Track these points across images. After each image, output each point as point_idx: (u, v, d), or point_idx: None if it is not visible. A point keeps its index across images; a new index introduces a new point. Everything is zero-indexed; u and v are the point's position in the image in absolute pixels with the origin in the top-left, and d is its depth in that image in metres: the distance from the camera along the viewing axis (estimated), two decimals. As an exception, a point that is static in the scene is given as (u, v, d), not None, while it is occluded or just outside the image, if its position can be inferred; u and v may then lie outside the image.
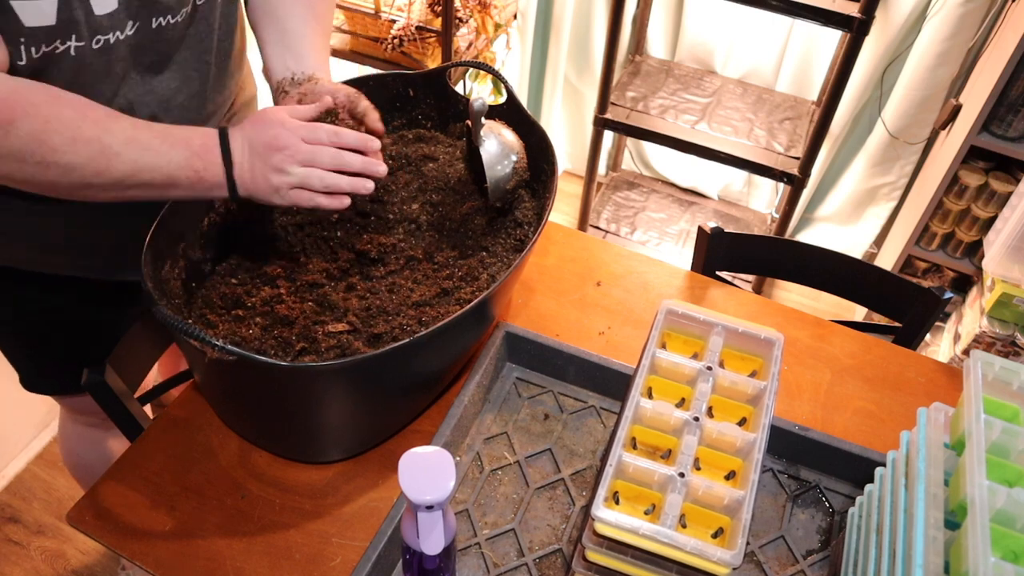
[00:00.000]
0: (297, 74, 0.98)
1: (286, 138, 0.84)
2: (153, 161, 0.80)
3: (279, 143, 0.84)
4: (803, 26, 2.19)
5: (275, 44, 1.00)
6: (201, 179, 0.83)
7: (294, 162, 0.84)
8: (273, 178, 0.84)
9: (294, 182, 0.85)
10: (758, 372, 0.86)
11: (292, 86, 0.98)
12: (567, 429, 1.02)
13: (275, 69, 0.99)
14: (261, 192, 0.85)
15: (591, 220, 2.44)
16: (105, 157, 0.78)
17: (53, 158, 0.76)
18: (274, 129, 0.85)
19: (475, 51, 2.07)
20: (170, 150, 0.81)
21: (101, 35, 0.82)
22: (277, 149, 0.84)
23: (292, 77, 0.98)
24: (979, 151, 1.85)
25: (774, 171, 2.02)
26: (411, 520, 0.71)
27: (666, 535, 0.69)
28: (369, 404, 0.92)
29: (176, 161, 0.81)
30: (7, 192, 0.93)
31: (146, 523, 0.90)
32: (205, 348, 0.78)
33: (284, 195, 0.85)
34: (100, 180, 0.79)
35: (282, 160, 0.84)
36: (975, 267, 2.03)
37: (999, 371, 0.73)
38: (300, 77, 0.98)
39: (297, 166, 0.84)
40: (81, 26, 0.80)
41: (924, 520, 0.66)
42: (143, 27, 0.86)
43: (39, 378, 1.21)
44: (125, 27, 0.84)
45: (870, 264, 1.30)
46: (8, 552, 1.69)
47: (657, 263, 1.27)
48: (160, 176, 0.81)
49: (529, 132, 1.07)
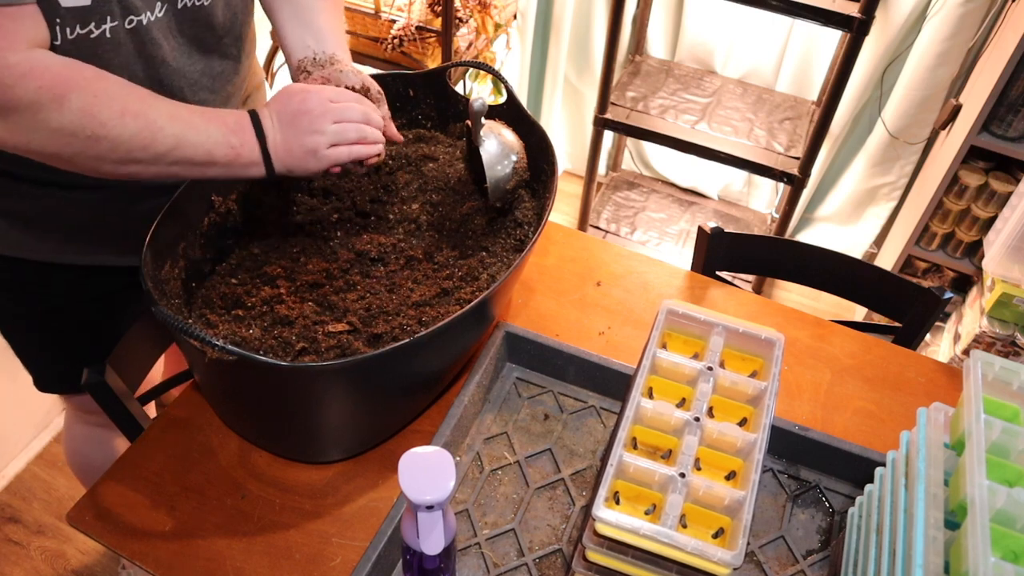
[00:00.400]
0: (319, 54, 0.99)
1: (314, 101, 0.87)
2: (194, 137, 0.82)
3: (307, 106, 0.87)
4: (803, 26, 2.19)
5: (291, 22, 1.01)
6: (238, 155, 0.85)
7: (326, 120, 0.87)
8: (307, 140, 0.86)
9: (330, 140, 0.87)
10: (758, 372, 0.86)
11: (314, 67, 0.98)
12: (567, 429, 1.02)
13: (294, 47, 1.00)
14: (297, 160, 0.87)
15: (591, 220, 2.44)
16: (150, 131, 0.80)
17: (103, 131, 0.77)
18: (300, 96, 0.88)
19: (475, 51, 2.07)
20: (208, 125, 0.83)
21: (134, 15, 0.84)
22: (307, 112, 0.86)
23: (314, 57, 0.99)
24: (979, 151, 1.85)
25: (774, 171, 2.02)
26: (411, 520, 0.71)
27: (666, 535, 0.69)
28: (369, 404, 0.92)
29: (215, 137, 0.83)
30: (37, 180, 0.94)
31: (146, 523, 0.90)
32: (205, 348, 0.78)
33: (322, 156, 0.87)
34: (145, 154, 0.80)
35: (312, 121, 0.86)
36: (975, 267, 2.03)
37: (999, 371, 0.73)
38: (321, 58, 0.99)
39: (330, 123, 0.87)
40: (114, 5, 0.81)
41: (924, 520, 0.66)
42: (170, 8, 0.88)
43: (54, 377, 1.21)
44: (155, 8, 0.86)
45: (870, 264, 1.30)
46: (8, 552, 1.69)
47: (657, 263, 1.27)
48: (200, 152, 0.83)
49: (529, 132, 1.07)
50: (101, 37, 0.82)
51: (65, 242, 1.04)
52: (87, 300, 1.12)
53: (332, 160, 0.88)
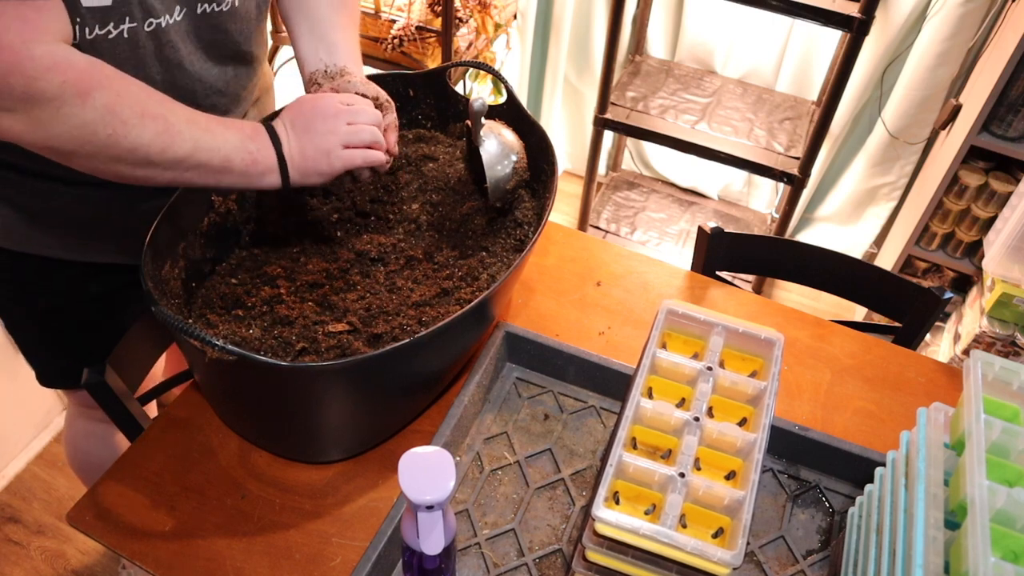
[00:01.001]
0: (330, 66, 1.00)
1: (325, 105, 0.89)
2: (212, 142, 0.82)
3: (319, 110, 0.88)
4: (803, 26, 2.19)
5: (306, 35, 1.01)
6: (255, 161, 0.85)
7: (339, 121, 0.88)
8: (321, 141, 0.87)
9: (343, 140, 0.88)
10: (758, 372, 0.86)
11: (325, 79, 0.99)
12: (567, 429, 1.02)
13: (308, 60, 1.01)
14: (311, 163, 0.88)
15: (591, 220, 2.44)
16: (169, 135, 0.80)
17: (123, 131, 0.77)
18: (311, 102, 0.89)
19: (475, 51, 2.07)
20: (226, 131, 0.84)
21: (153, 18, 0.84)
22: (319, 115, 0.88)
23: (325, 69, 1.00)
24: (979, 151, 1.85)
25: (774, 171, 2.02)
26: (411, 520, 0.71)
27: (666, 535, 0.69)
28: (369, 404, 0.92)
29: (232, 142, 0.84)
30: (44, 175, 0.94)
31: (146, 523, 0.90)
32: (205, 348, 0.78)
33: (336, 156, 0.88)
34: (163, 158, 0.80)
35: (326, 121, 0.87)
36: (975, 267, 2.03)
37: (999, 371, 0.73)
38: (332, 70, 0.99)
39: (343, 124, 0.88)
40: (134, 7, 0.82)
41: (924, 520, 0.66)
42: (190, 12, 0.89)
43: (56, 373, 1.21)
44: (174, 11, 0.87)
45: (870, 264, 1.30)
46: (8, 552, 1.69)
47: (657, 263, 1.27)
48: (218, 157, 0.83)
49: (529, 132, 1.07)
50: (119, 38, 0.82)
51: (69, 237, 1.04)
52: (88, 299, 1.12)
53: (346, 161, 0.89)
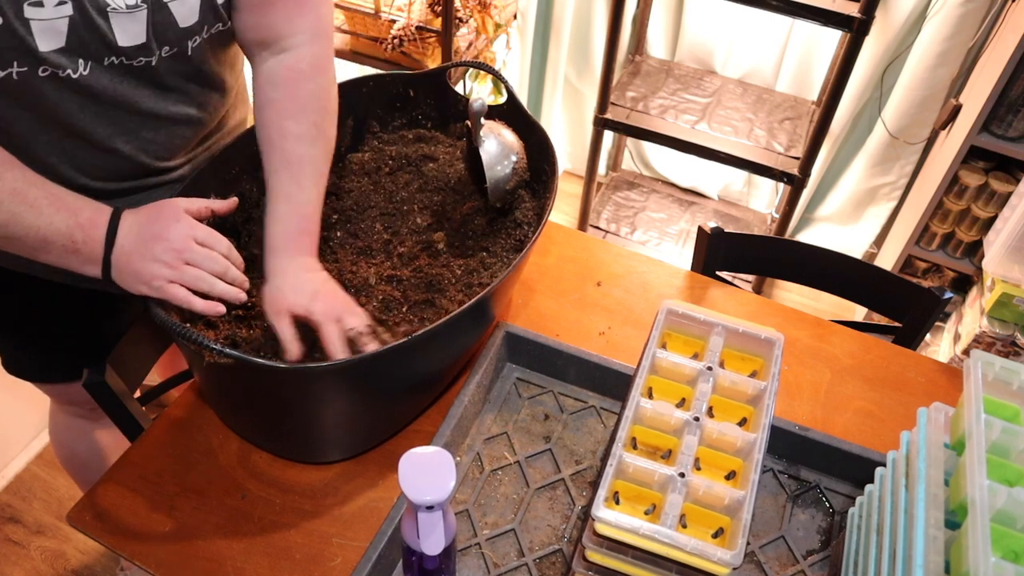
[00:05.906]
0: None
1: (176, 232, 0.84)
2: (31, 219, 0.80)
3: (166, 235, 0.84)
4: (803, 26, 2.18)
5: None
6: (77, 251, 0.83)
7: (178, 258, 0.84)
8: (150, 267, 0.83)
9: (172, 276, 0.83)
10: (758, 372, 0.86)
11: None
12: (567, 429, 1.02)
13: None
14: (130, 278, 0.84)
15: (591, 220, 2.44)
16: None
17: None
18: (165, 222, 0.85)
19: (475, 51, 2.07)
20: (54, 214, 0.81)
21: (53, 68, 0.80)
22: (163, 240, 0.83)
23: None
24: (979, 151, 1.85)
25: (774, 171, 2.02)
26: (411, 520, 0.71)
27: (666, 535, 0.69)
28: (369, 404, 0.92)
29: (56, 226, 0.81)
30: None
31: (146, 523, 0.90)
32: (202, 352, 0.78)
33: (155, 286, 0.83)
34: None
35: (164, 252, 0.83)
36: (975, 267, 2.03)
37: (999, 371, 0.73)
38: None
39: (180, 262, 0.84)
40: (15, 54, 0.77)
41: (924, 520, 0.66)
42: (96, 66, 0.83)
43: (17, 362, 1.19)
44: (79, 66, 0.82)
45: (870, 264, 1.30)
46: (8, 552, 1.69)
47: (657, 263, 1.27)
48: (33, 235, 0.81)
49: (529, 132, 1.07)
50: (8, 78, 0.78)
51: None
52: (88, 297, 1.12)
53: (166, 295, 0.84)
